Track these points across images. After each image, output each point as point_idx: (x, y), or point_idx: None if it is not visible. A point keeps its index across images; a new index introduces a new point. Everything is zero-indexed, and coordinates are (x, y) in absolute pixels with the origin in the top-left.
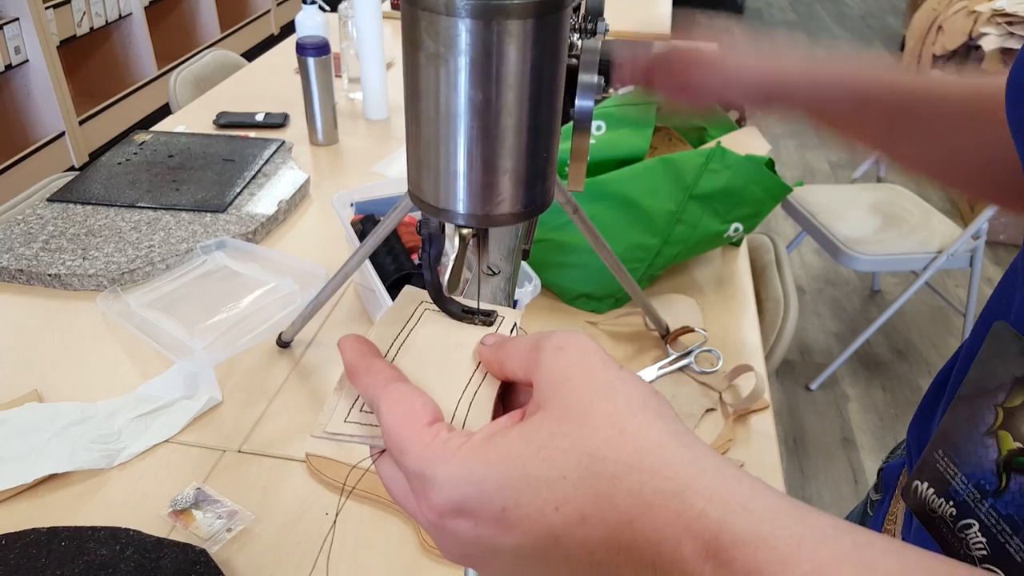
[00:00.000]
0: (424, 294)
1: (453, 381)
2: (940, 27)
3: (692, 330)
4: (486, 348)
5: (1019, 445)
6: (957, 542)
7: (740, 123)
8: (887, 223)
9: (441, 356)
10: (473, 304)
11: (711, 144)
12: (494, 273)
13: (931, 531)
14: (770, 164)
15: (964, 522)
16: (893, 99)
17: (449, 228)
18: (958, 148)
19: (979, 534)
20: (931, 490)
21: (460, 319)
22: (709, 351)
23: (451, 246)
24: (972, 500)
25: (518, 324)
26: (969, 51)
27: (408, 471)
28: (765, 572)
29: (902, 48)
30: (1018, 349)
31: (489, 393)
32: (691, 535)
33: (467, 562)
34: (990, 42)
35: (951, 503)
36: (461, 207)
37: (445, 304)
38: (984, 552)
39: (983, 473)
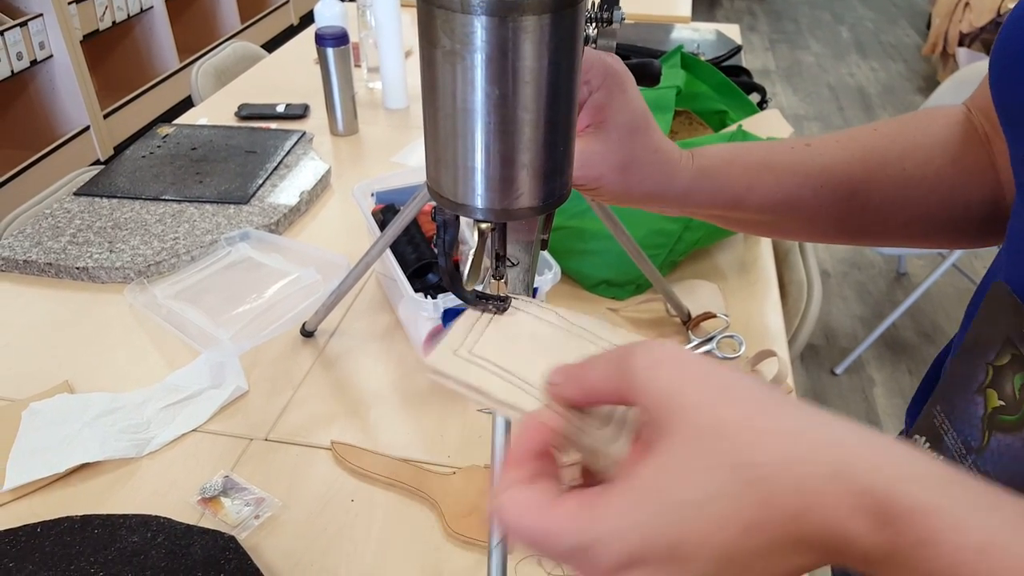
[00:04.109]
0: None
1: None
2: (967, 3)
3: (714, 316)
4: (558, 387)
5: (1002, 403)
6: None
7: (762, 106)
8: None
9: (521, 348)
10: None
11: (732, 127)
12: (513, 264)
13: None
14: None
15: None
16: (777, 181)
17: (467, 220)
18: (853, 216)
19: None
20: (927, 444)
21: (474, 305)
22: (731, 337)
23: (469, 234)
24: (958, 455)
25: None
26: (997, 28)
27: (562, 551)
28: (937, 540)
29: (928, 26)
30: (1011, 308)
31: None
32: (861, 511)
33: None
34: None
35: (941, 458)
36: (479, 202)
37: (459, 291)
38: None
39: (970, 429)
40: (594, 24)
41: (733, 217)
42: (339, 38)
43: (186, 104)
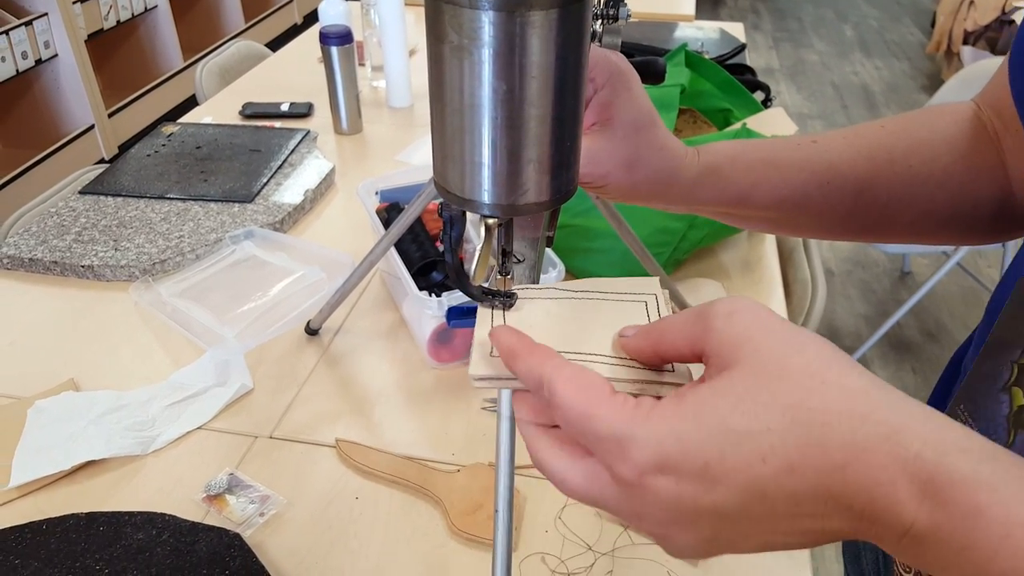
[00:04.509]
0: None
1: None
2: (972, 2)
3: None
4: (631, 339)
5: None
6: None
7: (766, 104)
8: None
9: (547, 327)
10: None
11: (736, 126)
12: (519, 261)
13: None
14: None
15: None
16: (783, 178)
17: (473, 217)
18: (858, 214)
19: None
20: None
21: (481, 301)
22: None
23: (474, 233)
24: None
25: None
26: (1002, 26)
27: (600, 436)
28: (986, 514)
29: (932, 24)
30: None
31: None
32: (907, 477)
33: (661, 530)
34: None
35: None
36: (486, 197)
37: (466, 286)
38: None
39: (995, 428)
40: (600, 21)
41: (739, 214)
42: (343, 37)
43: (190, 103)
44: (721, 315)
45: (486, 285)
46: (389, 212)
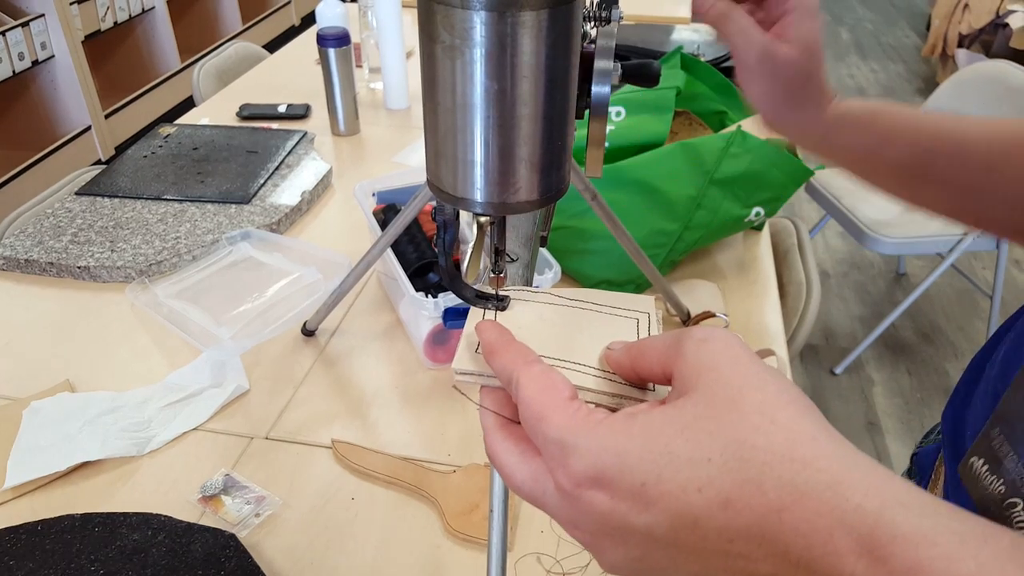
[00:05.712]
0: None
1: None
2: (966, 5)
3: (713, 315)
4: (614, 352)
5: None
6: (1002, 520)
7: None
8: None
9: (536, 330)
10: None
11: (732, 128)
12: (512, 260)
13: (980, 508)
14: (791, 147)
15: (1010, 500)
16: (914, 139)
17: (466, 216)
18: (985, 194)
19: (1022, 512)
20: (985, 467)
21: (473, 303)
22: None
23: (469, 234)
24: (1019, 479)
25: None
26: (996, 29)
27: (547, 439)
28: (926, 570)
29: (927, 27)
30: None
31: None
32: (845, 528)
33: (593, 540)
34: (1018, 19)
35: (1000, 481)
36: (479, 195)
37: (460, 289)
38: None
39: None
40: (592, 23)
41: (866, 167)
42: (340, 39)
43: (187, 104)
44: (694, 341)
45: (479, 287)
46: (386, 213)
